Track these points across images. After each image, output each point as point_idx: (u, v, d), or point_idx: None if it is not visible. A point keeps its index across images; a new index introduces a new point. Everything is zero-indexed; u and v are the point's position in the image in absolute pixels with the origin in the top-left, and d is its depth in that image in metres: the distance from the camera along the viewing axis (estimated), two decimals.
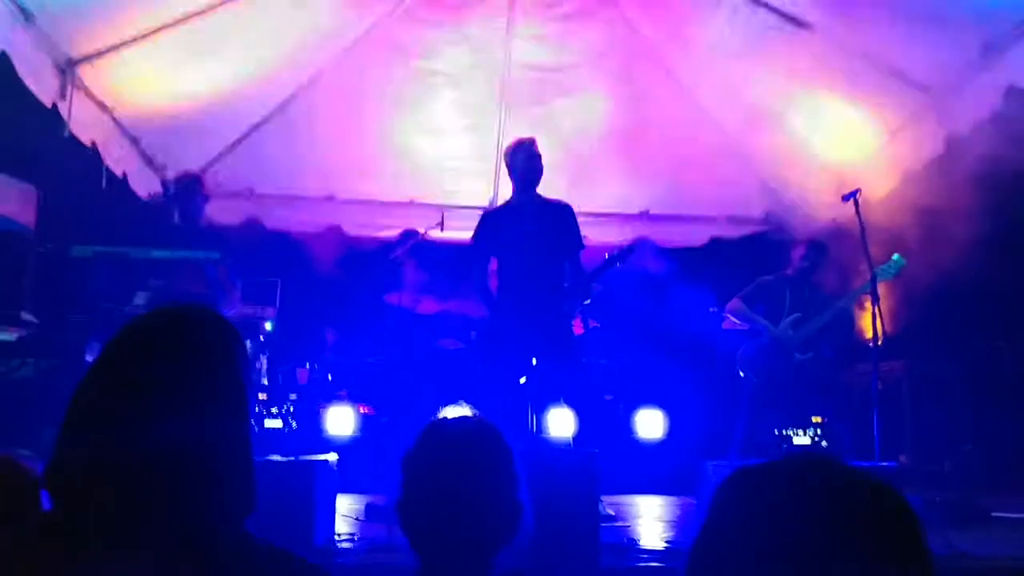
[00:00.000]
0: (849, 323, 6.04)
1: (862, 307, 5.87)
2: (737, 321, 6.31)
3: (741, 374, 6.15)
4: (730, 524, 1.01)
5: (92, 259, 4.52)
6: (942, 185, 6.06)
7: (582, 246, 5.60)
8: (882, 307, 5.31)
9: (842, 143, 6.87)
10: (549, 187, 5.64)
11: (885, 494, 0.98)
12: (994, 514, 5.00)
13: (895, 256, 5.67)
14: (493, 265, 5.65)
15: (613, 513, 5.07)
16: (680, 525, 5.12)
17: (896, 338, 6.15)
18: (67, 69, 5.42)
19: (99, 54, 5.60)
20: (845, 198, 5.40)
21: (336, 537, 4.12)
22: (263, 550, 1.36)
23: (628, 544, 4.08)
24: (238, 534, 1.35)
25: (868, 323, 5.29)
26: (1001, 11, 5.18)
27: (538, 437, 5.56)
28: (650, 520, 5.46)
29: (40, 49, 5.11)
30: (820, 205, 6.99)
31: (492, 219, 5.73)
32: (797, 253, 6.36)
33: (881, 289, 5.34)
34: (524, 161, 5.44)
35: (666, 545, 4.16)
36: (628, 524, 5.00)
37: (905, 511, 0.97)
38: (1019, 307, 6.74)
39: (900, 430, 6.71)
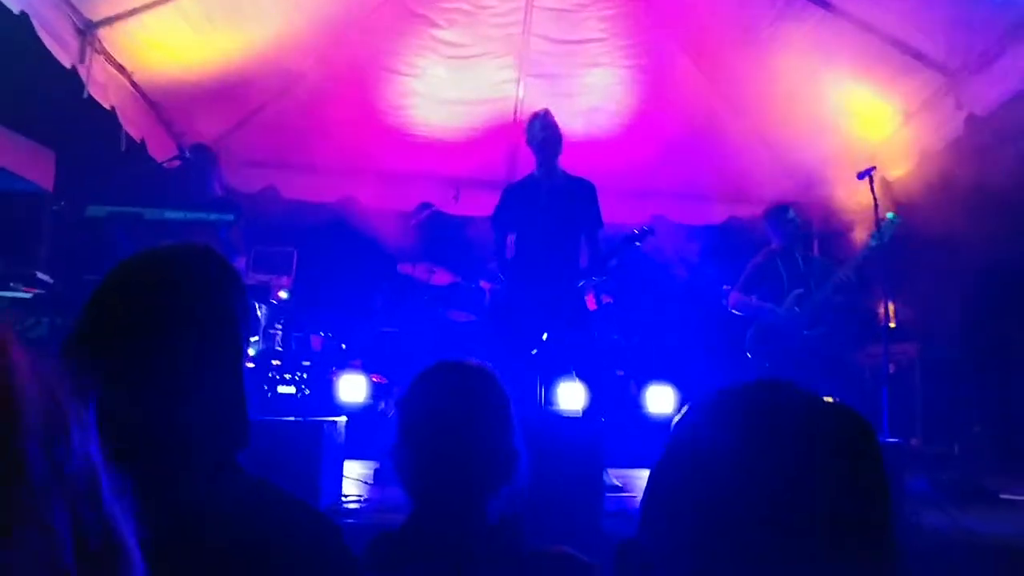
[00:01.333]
0: (854, 293, 5.95)
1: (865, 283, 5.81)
2: (741, 314, 6.27)
3: (748, 356, 6.12)
4: (689, 448, 1.00)
5: (106, 219, 4.55)
6: (960, 167, 6.02)
7: (601, 224, 5.59)
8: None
9: (860, 123, 6.82)
10: (565, 162, 5.63)
11: (846, 416, 0.96)
12: (1002, 495, 5.00)
13: (889, 215, 5.59)
14: (513, 238, 5.66)
15: (620, 484, 5.09)
16: None
17: (908, 321, 6.13)
18: (87, 31, 5.43)
19: (119, 17, 5.61)
20: (860, 176, 5.40)
21: (343, 499, 4.16)
22: (253, 482, 1.38)
23: (632, 512, 4.09)
24: (230, 465, 1.37)
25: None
26: None
27: (545, 408, 5.57)
28: None
29: (60, 11, 5.12)
30: (836, 184, 6.95)
31: (513, 192, 5.73)
32: (768, 224, 6.38)
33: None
34: (539, 132, 5.44)
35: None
36: (634, 494, 5.02)
37: (864, 433, 0.95)
38: None
39: (911, 412, 6.70)
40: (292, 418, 4.20)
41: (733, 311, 6.31)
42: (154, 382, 1.31)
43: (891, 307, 5.24)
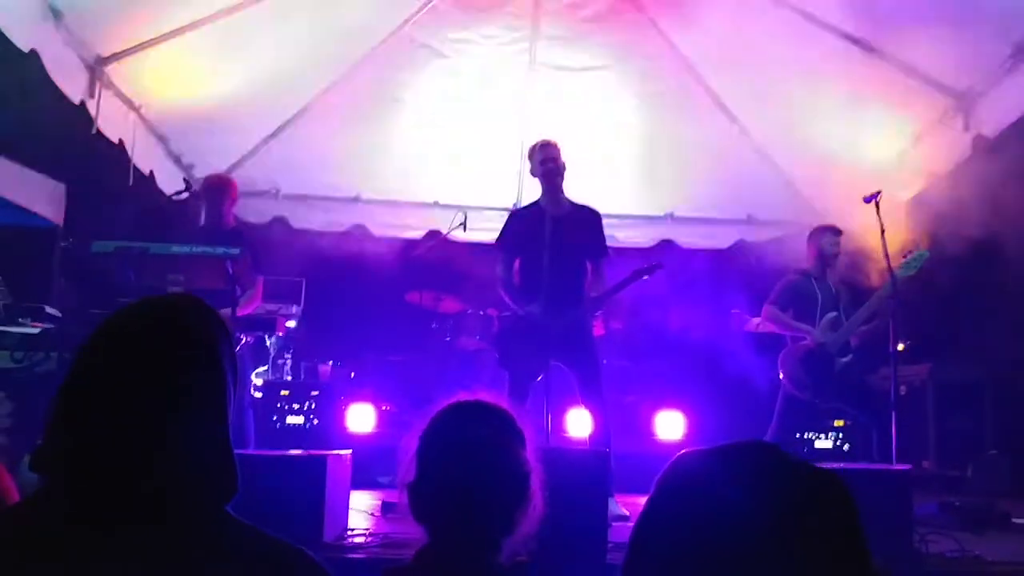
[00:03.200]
0: (882, 321, 5.85)
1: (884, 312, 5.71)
2: (774, 330, 6.15)
3: (781, 376, 6.02)
4: (668, 504, 1.02)
5: (113, 254, 4.58)
6: (968, 189, 6.00)
7: (606, 252, 5.59)
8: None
9: (868, 146, 6.81)
10: (573, 189, 5.64)
11: (825, 482, 0.98)
12: (1015, 520, 4.94)
13: (921, 251, 5.53)
14: (518, 265, 5.66)
15: (627, 513, 5.06)
16: None
17: (921, 343, 6.09)
18: (95, 67, 5.50)
19: (127, 52, 5.68)
20: (867, 199, 5.37)
21: (348, 532, 4.15)
22: (244, 531, 1.39)
23: None
24: (219, 516, 1.38)
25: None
26: None
27: (550, 436, 5.55)
28: None
29: (69, 47, 5.18)
30: (844, 207, 6.93)
31: (518, 219, 5.74)
32: (812, 242, 6.21)
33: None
34: (539, 164, 5.46)
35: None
36: None
37: (844, 501, 0.97)
38: None
39: (924, 435, 6.65)
40: (297, 451, 4.20)
41: (764, 322, 6.21)
42: (140, 434, 1.33)
43: (900, 330, 5.19)
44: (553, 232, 5.35)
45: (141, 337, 1.41)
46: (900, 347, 5.25)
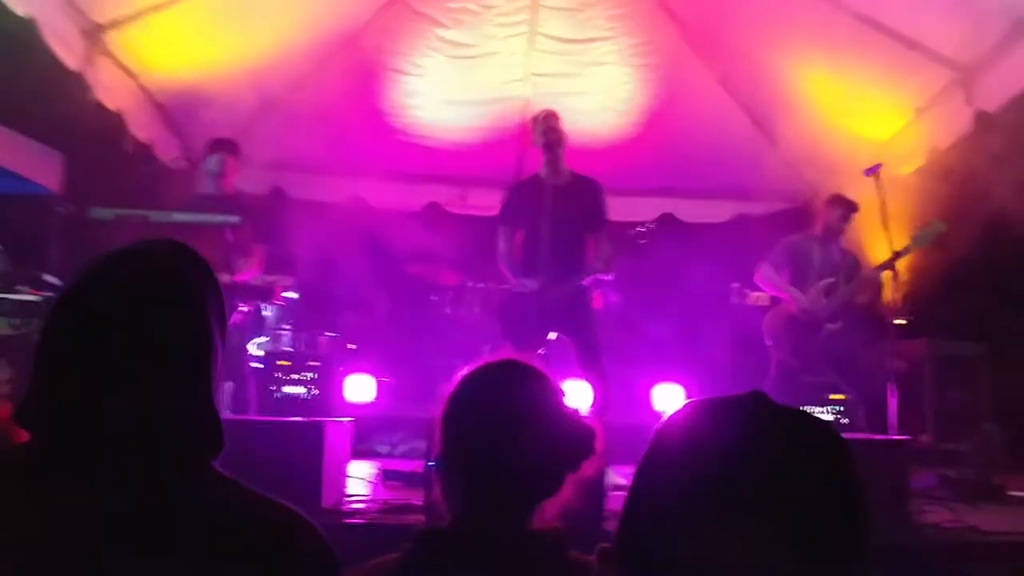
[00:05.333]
0: (878, 292, 5.86)
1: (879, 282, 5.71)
2: (765, 290, 6.19)
3: (768, 343, 6.06)
4: (667, 449, 1.02)
5: (113, 222, 4.57)
6: (969, 164, 5.99)
7: (607, 223, 5.58)
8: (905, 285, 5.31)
9: (868, 120, 6.80)
10: (572, 161, 5.63)
11: (819, 430, 0.99)
12: (1010, 492, 4.97)
13: (935, 222, 5.53)
14: (519, 237, 5.65)
15: (625, 483, 5.07)
16: None
17: (919, 316, 6.09)
18: (93, 34, 5.46)
19: (125, 20, 5.64)
20: (868, 172, 5.38)
21: (346, 498, 4.16)
22: (233, 487, 1.36)
23: None
24: (206, 471, 1.37)
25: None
26: None
27: None
28: None
29: (65, 14, 5.14)
30: (844, 181, 6.92)
31: (519, 191, 5.74)
32: (825, 210, 6.25)
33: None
34: (541, 135, 5.45)
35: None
36: None
37: (838, 448, 0.98)
38: None
39: (921, 409, 6.66)
40: (296, 418, 4.21)
41: (757, 283, 6.24)
42: (123, 384, 1.30)
43: (900, 303, 5.20)
44: (554, 203, 5.35)
45: (119, 286, 1.37)
46: (899, 321, 5.25)
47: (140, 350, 1.33)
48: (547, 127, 5.44)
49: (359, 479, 4.75)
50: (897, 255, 5.51)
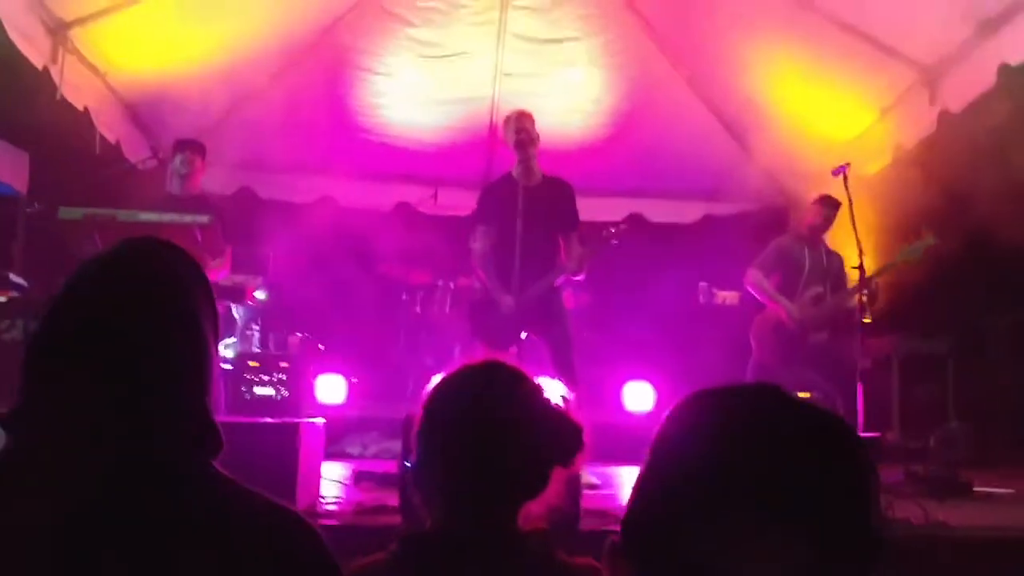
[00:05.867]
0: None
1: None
2: (755, 295, 6.15)
3: (753, 344, 6.07)
4: (678, 441, 1.01)
5: (81, 222, 4.52)
6: (933, 163, 6.07)
7: (578, 224, 5.60)
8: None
9: (834, 120, 6.86)
10: (542, 161, 5.63)
11: (834, 424, 0.98)
12: (976, 488, 5.04)
13: (926, 236, 5.53)
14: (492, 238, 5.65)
15: (598, 482, 5.10)
16: None
17: (885, 315, 6.15)
18: (59, 32, 5.39)
19: (91, 17, 5.57)
20: (835, 173, 5.42)
21: (321, 500, 4.14)
22: (232, 488, 1.35)
23: (610, 510, 4.09)
24: (205, 471, 1.36)
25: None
26: None
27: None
28: None
29: (31, 11, 5.08)
30: (811, 182, 6.98)
31: (491, 192, 5.74)
32: (812, 211, 6.19)
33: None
34: (512, 135, 5.45)
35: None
36: (612, 492, 5.03)
37: (848, 440, 0.97)
38: (1006, 285, 6.76)
39: (888, 406, 6.74)
40: (271, 419, 4.19)
41: (747, 287, 6.22)
42: (119, 387, 1.29)
43: (867, 301, 5.25)
44: (526, 204, 5.35)
45: (112, 286, 1.36)
46: (866, 320, 5.30)
47: (135, 351, 1.31)
48: (519, 127, 5.44)
49: (332, 481, 4.73)
50: (886, 267, 5.55)
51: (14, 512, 1.23)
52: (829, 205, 6.08)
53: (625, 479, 5.83)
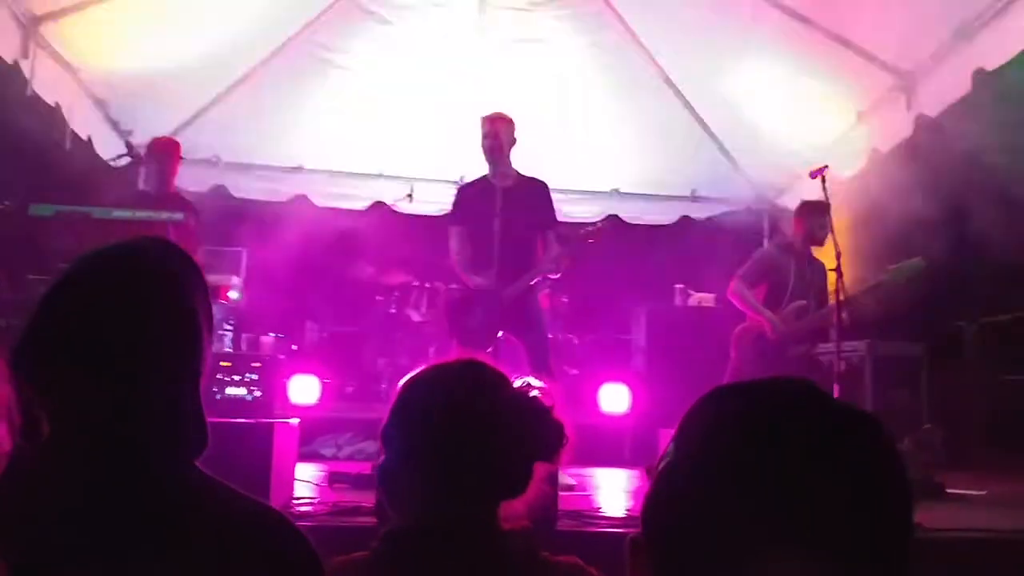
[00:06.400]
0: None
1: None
2: (737, 306, 6.04)
3: (733, 353, 6.00)
4: (700, 440, 0.96)
5: (52, 218, 4.45)
6: (909, 167, 6.09)
7: (555, 223, 5.58)
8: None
9: (811, 123, 6.89)
10: (518, 162, 5.62)
11: (870, 424, 0.93)
12: (949, 490, 5.06)
13: (917, 260, 5.41)
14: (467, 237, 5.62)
15: (574, 483, 5.08)
16: (639, 495, 5.12)
17: (862, 320, 6.17)
18: (30, 26, 5.31)
19: (63, 12, 5.50)
20: (813, 175, 5.42)
21: (294, 500, 4.10)
22: (215, 488, 1.33)
23: (586, 511, 4.08)
24: (189, 471, 1.33)
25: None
26: None
27: None
28: (611, 490, 5.48)
29: (2, 4, 5.00)
30: (789, 184, 7.01)
31: (466, 192, 5.73)
32: (804, 219, 5.96)
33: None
34: (488, 137, 5.45)
35: (625, 512, 4.17)
36: (589, 493, 5.02)
37: (884, 441, 0.92)
38: (979, 288, 6.81)
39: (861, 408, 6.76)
40: (244, 420, 4.13)
41: (730, 298, 6.10)
42: (109, 386, 1.27)
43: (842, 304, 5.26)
44: (502, 204, 5.34)
45: (108, 283, 1.33)
46: (843, 320, 5.30)
47: (128, 347, 1.29)
48: (484, 132, 5.45)
49: (305, 482, 4.68)
50: (874, 287, 5.51)
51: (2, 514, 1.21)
52: (816, 212, 5.83)
53: (601, 481, 5.82)
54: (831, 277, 5.43)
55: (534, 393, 1.70)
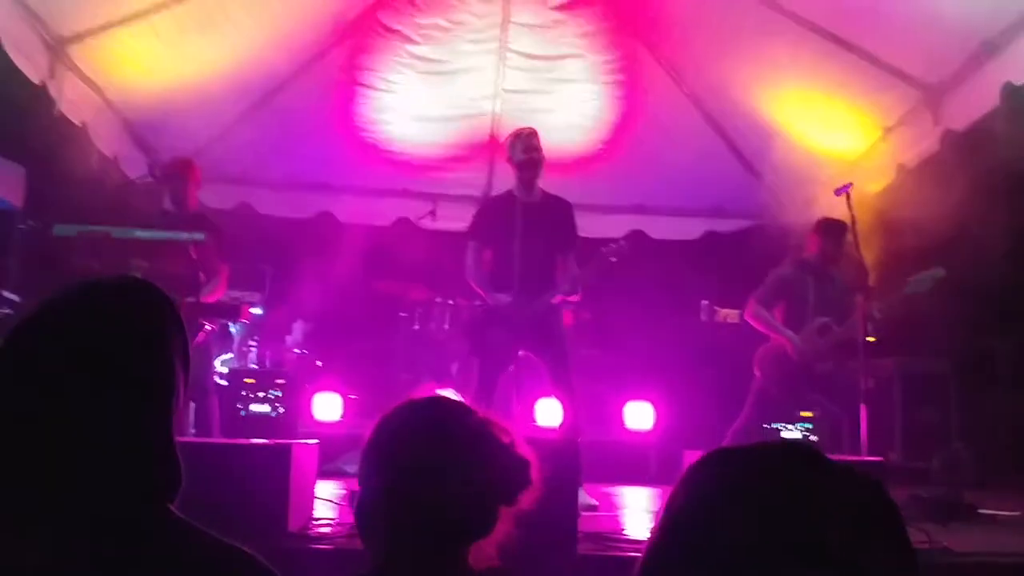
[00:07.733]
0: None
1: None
2: (757, 326, 5.95)
3: (757, 373, 5.91)
4: (698, 503, 0.94)
5: (75, 238, 4.48)
6: (936, 183, 6.02)
7: (577, 242, 5.54)
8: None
9: (837, 139, 6.84)
10: (542, 179, 5.59)
11: (865, 485, 0.91)
12: (980, 511, 4.98)
13: (938, 270, 5.36)
14: (488, 254, 5.60)
15: (596, 503, 5.04)
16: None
17: (888, 335, 6.09)
18: (57, 47, 5.38)
19: (90, 33, 5.56)
20: (838, 192, 5.35)
21: (313, 522, 4.08)
22: (187, 532, 1.31)
23: (608, 533, 4.04)
24: (161, 515, 1.31)
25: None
26: (1000, 7, 5.12)
27: (520, 426, 5.51)
28: (634, 510, 5.43)
29: (30, 27, 5.06)
30: (814, 200, 6.93)
31: (490, 208, 5.70)
32: (820, 237, 5.90)
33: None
34: (522, 152, 5.37)
35: (648, 534, 4.12)
36: (611, 513, 4.98)
37: (885, 503, 0.91)
38: (1009, 305, 6.70)
39: (890, 427, 6.68)
40: (262, 440, 4.14)
41: (748, 320, 6.02)
42: (77, 425, 1.24)
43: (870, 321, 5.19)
44: (525, 221, 5.31)
45: (77, 321, 1.31)
46: (870, 339, 5.22)
47: (99, 388, 1.26)
48: (528, 145, 5.37)
49: (326, 501, 4.67)
50: (894, 299, 5.43)
51: None
52: (832, 230, 5.82)
53: (626, 499, 5.77)
54: (855, 293, 5.37)
55: (499, 431, 1.69)
